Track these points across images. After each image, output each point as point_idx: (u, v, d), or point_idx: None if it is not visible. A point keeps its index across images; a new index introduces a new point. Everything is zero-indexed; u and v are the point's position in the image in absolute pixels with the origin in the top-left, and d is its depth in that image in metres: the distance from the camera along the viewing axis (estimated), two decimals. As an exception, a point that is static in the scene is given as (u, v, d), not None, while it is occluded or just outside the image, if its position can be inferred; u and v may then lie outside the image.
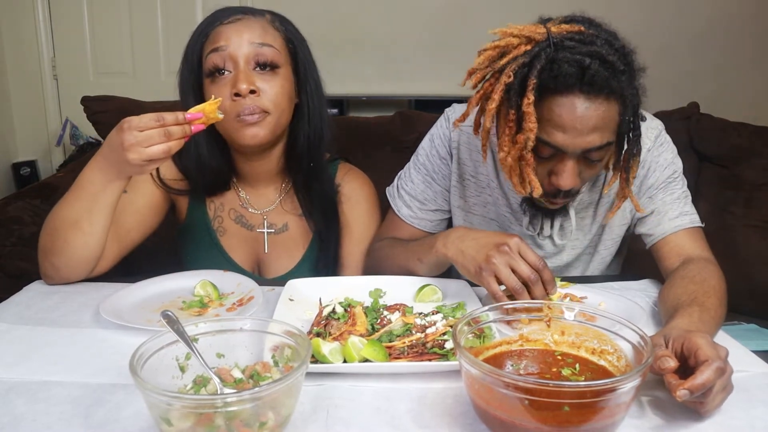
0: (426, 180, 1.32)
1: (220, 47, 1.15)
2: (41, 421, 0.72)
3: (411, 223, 1.31)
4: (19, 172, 3.84)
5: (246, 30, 1.16)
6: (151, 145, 0.95)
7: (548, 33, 0.96)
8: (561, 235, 1.27)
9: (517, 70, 0.96)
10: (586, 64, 0.92)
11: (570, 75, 0.93)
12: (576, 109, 0.95)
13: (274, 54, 1.17)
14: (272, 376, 0.74)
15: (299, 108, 1.25)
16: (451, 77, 4.34)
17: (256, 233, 1.33)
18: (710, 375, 0.70)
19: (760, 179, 1.93)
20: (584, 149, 0.99)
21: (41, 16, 3.82)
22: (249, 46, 1.15)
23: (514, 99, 0.96)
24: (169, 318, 0.74)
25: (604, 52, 0.94)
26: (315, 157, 1.27)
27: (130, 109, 2.01)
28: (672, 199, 1.20)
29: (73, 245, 1.09)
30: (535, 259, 0.94)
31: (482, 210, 1.32)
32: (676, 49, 3.59)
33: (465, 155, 1.29)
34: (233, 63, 1.15)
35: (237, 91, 1.12)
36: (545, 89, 0.95)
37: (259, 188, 1.33)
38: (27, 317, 1.00)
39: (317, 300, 1.02)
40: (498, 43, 0.98)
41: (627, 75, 0.96)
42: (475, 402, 0.67)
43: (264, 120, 1.15)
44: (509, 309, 0.81)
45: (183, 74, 1.22)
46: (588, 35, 0.96)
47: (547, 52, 0.95)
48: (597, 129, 0.97)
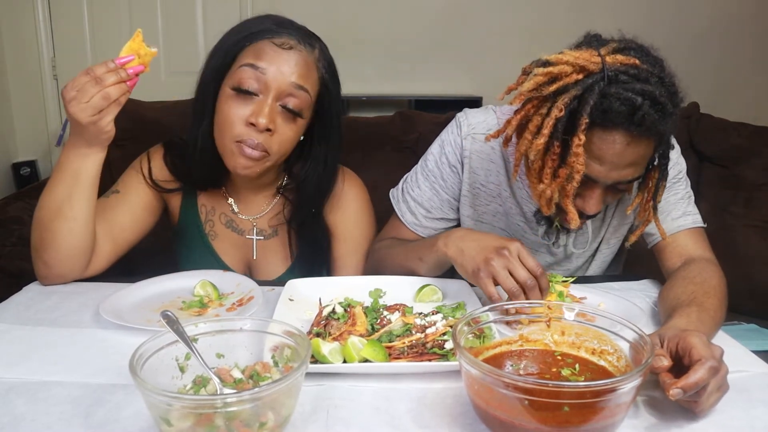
0: (433, 188, 1.30)
1: (260, 68, 1.09)
2: (41, 421, 0.72)
3: (414, 231, 1.30)
4: (19, 172, 3.83)
5: (292, 63, 1.11)
6: (90, 97, 0.97)
7: (603, 64, 0.93)
8: (576, 244, 1.28)
9: (569, 103, 0.94)
10: (638, 104, 0.91)
11: (620, 113, 0.91)
12: (617, 145, 0.95)
13: (305, 101, 1.13)
14: (272, 377, 0.74)
15: (312, 153, 1.22)
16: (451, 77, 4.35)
17: (245, 239, 1.32)
18: (703, 374, 0.70)
19: (760, 179, 1.93)
20: (616, 182, 1.00)
21: (41, 16, 3.82)
22: (288, 84, 1.10)
23: (560, 132, 0.95)
24: (168, 318, 0.74)
25: (657, 94, 0.92)
26: (317, 205, 1.27)
27: (129, 109, 2.01)
28: (676, 199, 1.20)
29: (60, 234, 1.08)
30: (534, 265, 0.94)
31: (492, 219, 1.31)
32: (676, 49, 3.56)
33: (476, 164, 1.27)
34: (264, 89, 1.10)
35: (255, 122, 1.09)
36: (592, 122, 0.93)
37: (249, 196, 1.32)
38: (27, 317, 1.00)
39: (317, 300, 1.01)
40: (551, 70, 0.94)
41: (674, 118, 0.95)
42: (475, 402, 0.67)
43: (262, 159, 1.13)
44: (509, 309, 0.81)
45: (212, 65, 1.16)
46: (643, 71, 0.93)
47: (600, 86, 0.92)
48: (633, 164, 0.98)
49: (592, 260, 1.33)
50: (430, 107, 2.91)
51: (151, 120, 2.04)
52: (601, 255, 1.32)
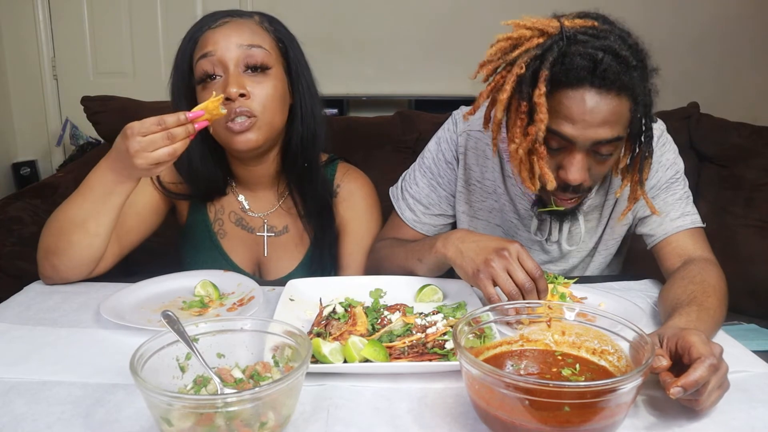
0: (431, 184, 1.31)
1: (208, 53, 1.14)
2: (42, 421, 0.72)
3: (414, 227, 1.31)
4: (19, 172, 3.84)
5: (234, 33, 1.15)
6: (156, 149, 0.96)
7: (561, 26, 0.96)
8: (569, 241, 1.27)
9: (529, 62, 0.96)
10: (598, 57, 0.93)
11: (582, 68, 0.93)
12: (586, 102, 0.95)
13: (264, 55, 1.16)
14: (272, 376, 0.74)
15: (293, 108, 1.23)
16: (451, 77, 4.34)
17: (256, 236, 1.32)
18: (703, 372, 0.70)
19: (760, 179, 1.93)
20: (594, 141, 0.99)
21: (41, 16, 3.82)
22: (237, 49, 1.14)
23: (525, 91, 0.96)
24: (169, 318, 0.74)
25: (617, 47, 0.94)
26: (309, 158, 1.26)
27: (130, 109, 2.01)
28: (674, 199, 1.20)
29: (78, 246, 1.09)
30: (533, 267, 0.94)
31: (487, 215, 1.31)
32: (676, 49, 3.59)
33: (472, 160, 1.28)
34: (223, 67, 1.13)
35: (227, 95, 1.11)
36: (557, 82, 0.95)
37: (258, 192, 1.32)
38: (27, 317, 1.00)
39: (317, 300, 1.01)
40: (511, 34, 0.98)
41: (639, 71, 0.97)
42: (476, 402, 0.67)
43: (254, 125, 1.14)
44: (510, 310, 0.81)
45: (174, 82, 1.21)
46: (601, 30, 0.97)
47: (560, 45, 0.95)
48: (607, 123, 0.97)
49: (591, 262, 1.33)
50: (430, 107, 2.90)
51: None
52: (600, 257, 1.32)
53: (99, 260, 1.14)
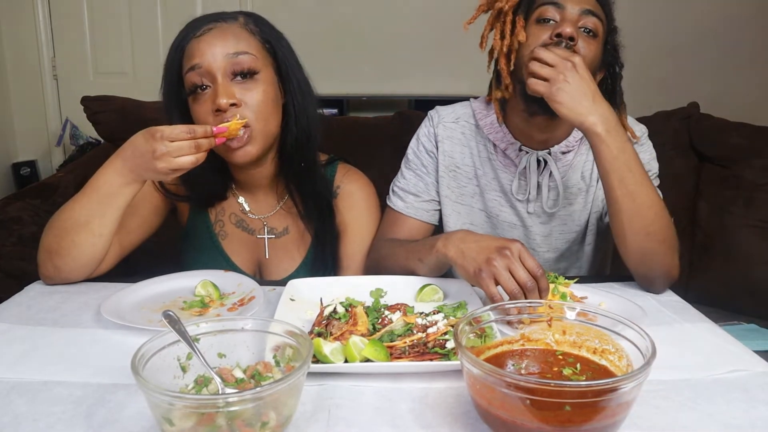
0: (417, 174, 1.37)
1: (195, 65, 1.12)
2: (42, 421, 0.72)
3: (407, 214, 1.34)
4: (19, 172, 3.84)
5: (218, 41, 1.13)
6: (181, 156, 0.98)
7: None
8: (548, 203, 1.31)
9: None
10: None
11: None
12: None
13: (251, 60, 1.14)
14: (274, 376, 0.74)
15: (285, 107, 1.22)
16: (451, 77, 4.35)
17: (257, 238, 1.32)
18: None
19: (760, 179, 1.93)
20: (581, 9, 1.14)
21: (41, 16, 3.82)
22: (224, 58, 1.12)
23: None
24: (170, 318, 0.74)
25: None
26: (306, 157, 1.25)
27: (130, 108, 2.01)
28: None
29: (81, 246, 1.09)
30: (534, 266, 0.95)
31: (471, 200, 1.37)
32: (676, 49, 3.60)
33: (449, 147, 1.36)
34: (211, 78, 1.12)
35: (217, 107, 1.10)
36: None
37: (258, 194, 1.32)
38: (28, 317, 1.00)
39: (318, 300, 1.01)
40: None
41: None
42: (477, 402, 0.67)
43: (250, 136, 1.13)
44: (510, 309, 0.81)
45: (165, 93, 1.21)
46: None
47: None
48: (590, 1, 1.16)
49: (577, 258, 1.34)
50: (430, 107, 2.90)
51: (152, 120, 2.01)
52: (588, 247, 1.35)
53: (101, 260, 1.14)
